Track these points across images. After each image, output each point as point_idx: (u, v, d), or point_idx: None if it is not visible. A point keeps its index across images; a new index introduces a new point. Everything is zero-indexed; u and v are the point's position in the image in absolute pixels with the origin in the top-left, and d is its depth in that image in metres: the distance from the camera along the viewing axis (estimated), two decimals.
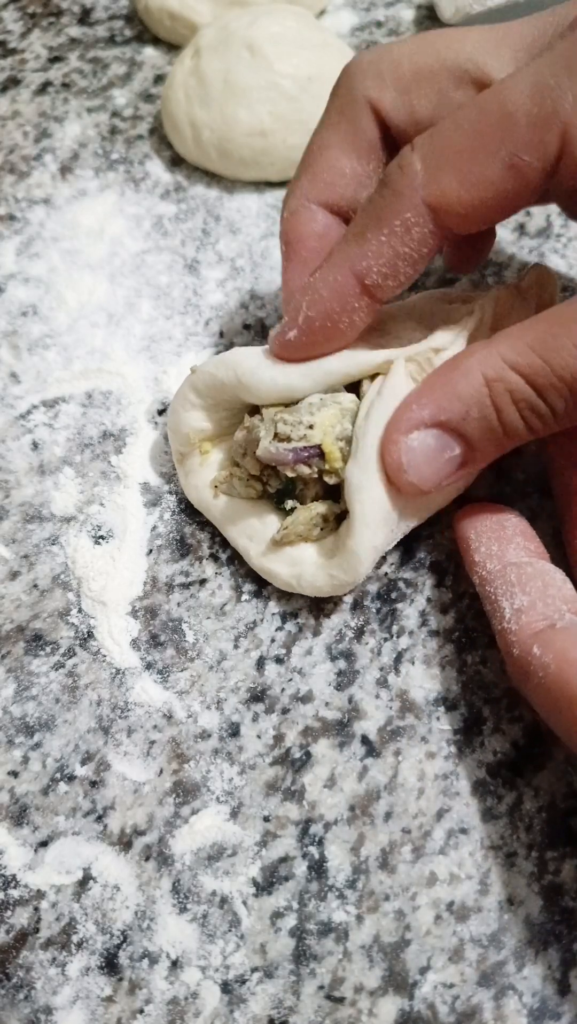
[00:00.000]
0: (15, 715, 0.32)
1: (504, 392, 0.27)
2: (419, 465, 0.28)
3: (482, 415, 0.27)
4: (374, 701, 0.32)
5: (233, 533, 0.33)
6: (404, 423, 0.28)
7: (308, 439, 0.29)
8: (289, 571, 0.31)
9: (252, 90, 0.42)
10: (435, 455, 0.28)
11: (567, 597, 0.28)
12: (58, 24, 0.51)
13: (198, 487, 0.33)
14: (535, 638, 0.26)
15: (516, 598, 0.28)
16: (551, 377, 0.26)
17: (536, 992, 0.27)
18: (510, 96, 0.26)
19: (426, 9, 0.50)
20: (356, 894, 0.29)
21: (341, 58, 0.44)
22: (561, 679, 0.25)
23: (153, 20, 0.49)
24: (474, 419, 0.27)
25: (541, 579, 0.28)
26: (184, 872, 0.29)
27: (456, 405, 0.27)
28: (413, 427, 0.28)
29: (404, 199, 0.27)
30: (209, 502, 0.33)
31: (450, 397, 0.27)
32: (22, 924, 0.29)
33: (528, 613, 0.27)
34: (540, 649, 0.26)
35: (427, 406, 0.28)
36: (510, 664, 0.27)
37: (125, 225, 0.44)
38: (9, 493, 0.37)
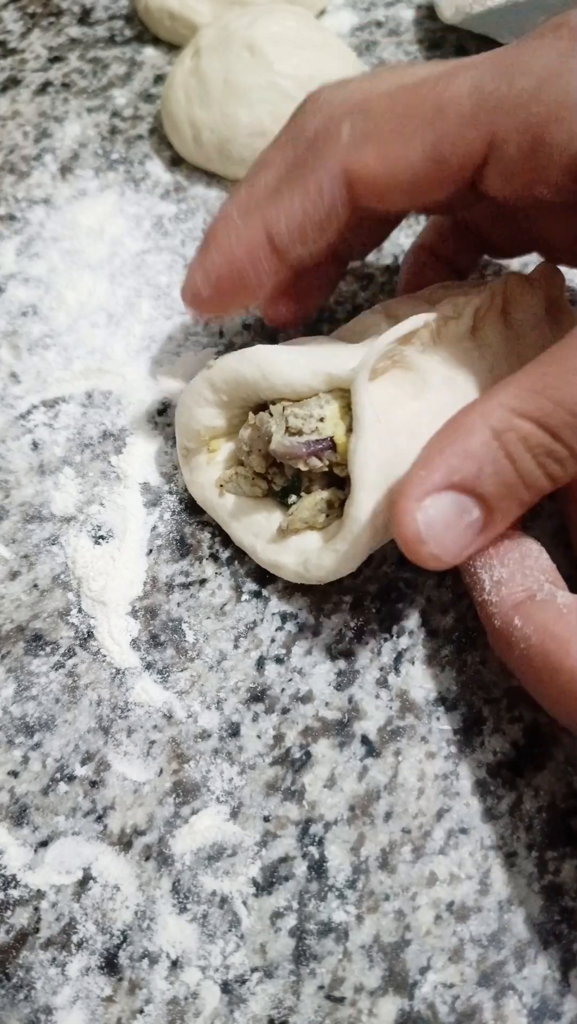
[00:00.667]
0: (15, 715, 0.32)
1: (516, 441, 0.25)
2: (439, 534, 0.26)
3: (496, 470, 0.26)
4: (374, 701, 0.32)
5: (238, 531, 0.33)
6: (416, 489, 0.25)
7: (320, 432, 0.29)
8: (296, 560, 0.31)
9: (252, 90, 0.42)
10: (454, 521, 0.26)
11: (544, 568, 0.28)
12: (58, 24, 0.51)
13: (203, 485, 0.33)
14: (515, 610, 0.26)
15: (495, 570, 0.28)
16: (564, 416, 0.25)
17: (536, 992, 0.27)
18: (450, 88, 0.26)
19: (426, 9, 0.50)
20: (356, 894, 0.29)
21: (341, 58, 0.44)
22: (543, 650, 0.25)
23: (153, 20, 0.49)
24: (489, 475, 0.26)
25: (518, 550, 0.28)
26: (184, 872, 0.29)
27: (467, 463, 0.25)
28: (426, 493, 0.26)
29: (323, 162, 0.27)
30: (214, 500, 0.33)
31: (460, 456, 0.25)
32: (22, 924, 0.29)
33: (508, 585, 0.27)
34: (521, 621, 0.26)
35: (437, 469, 0.26)
36: (492, 636, 0.27)
37: (125, 225, 0.44)
38: (9, 493, 0.37)
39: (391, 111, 0.27)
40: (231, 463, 0.33)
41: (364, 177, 0.27)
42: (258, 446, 0.31)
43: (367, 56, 0.49)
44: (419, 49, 0.49)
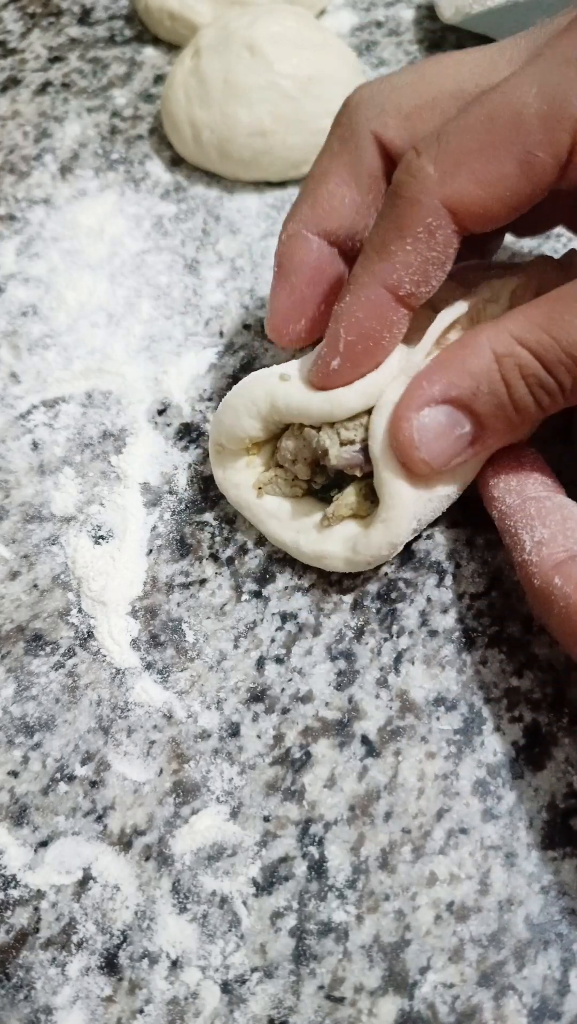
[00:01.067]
0: (15, 715, 0.32)
1: (514, 367, 0.27)
2: (430, 442, 0.28)
3: (492, 390, 0.27)
4: (374, 701, 0.32)
5: (278, 529, 0.33)
6: (415, 400, 0.28)
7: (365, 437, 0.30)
8: (343, 547, 0.31)
9: (252, 90, 0.42)
10: (446, 432, 0.28)
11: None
12: (58, 24, 0.51)
13: (239, 485, 0.33)
14: (556, 569, 0.27)
15: (536, 531, 0.28)
16: (559, 353, 0.27)
17: (536, 992, 0.27)
18: (517, 95, 0.26)
19: (426, 9, 0.50)
20: (356, 894, 0.29)
21: (341, 58, 0.44)
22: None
23: (153, 20, 0.49)
24: (485, 394, 0.28)
25: (560, 512, 0.29)
26: (184, 872, 0.29)
27: (466, 381, 0.27)
28: (424, 404, 0.28)
29: (422, 205, 0.27)
30: (251, 501, 0.33)
31: (460, 373, 0.28)
32: (22, 924, 0.29)
33: (549, 545, 0.28)
34: (561, 580, 0.27)
35: (437, 382, 0.28)
36: (531, 595, 0.28)
37: (125, 225, 0.44)
38: (9, 493, 0.37)
39: (469, 133, 0.27)
40: (270, 466, 0.33)
41: (468, 205, 0.27)
42: (304, 455, 0.31)
43: (367, 56, 0.49)
44: (419, 49, 0.49)
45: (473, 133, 0.27)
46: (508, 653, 0.32)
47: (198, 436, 0.37)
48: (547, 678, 0.32)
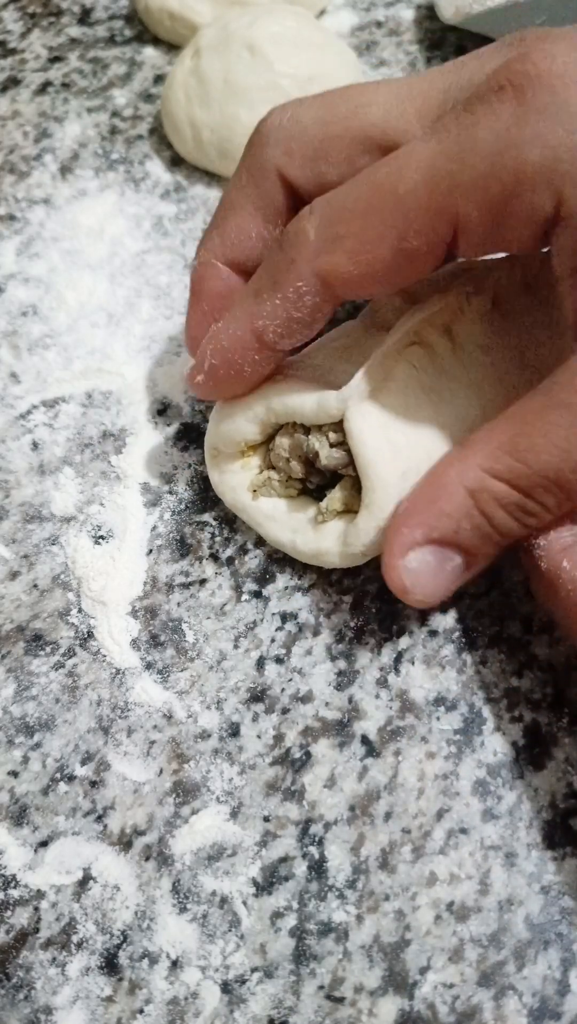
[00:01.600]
0: (15, 715, 0.32)
1: (491, 500, 0.27)
2: (424, 583, 0.28)
3: (474, 525, 0.27)
4: (374, 701, 0.32)
5: (275, 530, 0.33)
6: (398, 547, 0.27)
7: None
8: (337, 542, 0.31)
9: (252, 90, 0.42)
10: (437, 569, 0.28)
11: None
12: (58, 24, 0.51)
13: (235, 488, 0.33)
14: (564, 553, 0.27)
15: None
16: (534, 478, 0.26)
17: (536, 992, 0.27)
18: (403, 178, 0.26)
19: (426, 9, 0.50)
20: (356, 894, 0.29)
21: (341, 58, 0.44)
22: None
23: (153, 20, 0.49)
24: (467, 530, 0.27)
25: None
26: (184, 872, 0.29)
27: (445, 522, 0.27)
28: (407, 548, 0.27)
29: (297, 267, 0.27)
30: (247, 503, 0.33)
31: (438, 515, 0.27)
32: (22, 924, 0.29)
33: (556, 529, 0.28)
34: (569, 564, 0.27)
35: (417, 527, 0.27)
36: (537, 580, 0.28)
37: (125, 225, 0.44)
38: (9, 493, 0.37)
39: (353, 207, 0.27)
40: (262, 468, 0.33)
41: (339, 277, 0.27)
42: (298, 452, 0.31)
43: (367, 56, 0.49)
44: (419, 49, 0.49)
45: (355, 209, 0.27)
46: (508, 653, 0.32)
47: (198, 436, 0.37)
48: (547, 678, 0.32)
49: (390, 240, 0.26)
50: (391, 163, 0.27)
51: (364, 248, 0.27)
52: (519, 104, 0.25)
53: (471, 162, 0.25)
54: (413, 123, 0.28)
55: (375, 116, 0.28)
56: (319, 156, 0.29)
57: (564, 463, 0.26)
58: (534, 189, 0.24)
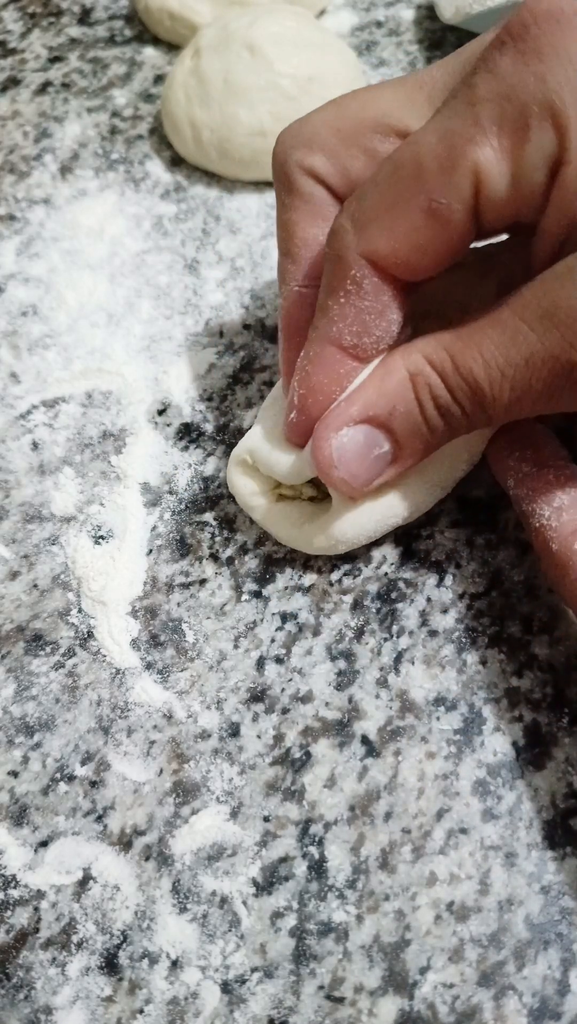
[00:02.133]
0: (15, 715, 0.32)
1: (425, 387, 0.28)
2: (349, 461, 0.29)
3: (407, 410, 0.28)
4: (374, 701, 0.32)
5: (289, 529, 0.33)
6: (333, 420, 0.28)
7: None
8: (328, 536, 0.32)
9: (252, 90, 0.42)
10: (364, 451, 0.29)
11: None
12: (58, 24, 0.51)
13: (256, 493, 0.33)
14: (575, 536, 0.28)
15: (556, 497, 0.29)
16: (456, 377, 0.27)
17: (536, 992, 0.27)
18: (420, 146, 0.26)
19: (426, 9, 0.50)
20: (356, 894, 0.29)
21: (341, 58, 0.44)
22: None
23: (153, 20, 0.49)
24: (400, 414, 0.28)
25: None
26: (184, 872, 0.29)
27: (382, 401, 0.28)
28: (342, 424, 0.28)
29: (344, 260, 0.28)
30: (265, 505, 0.33)
31: (377, 393, 0.28)
32: (22, 924, 0.29)
33: (568, 511, 0.28)
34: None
35: (355, 403, 0.28)
36: (548, 560, 0.28)
37: (125, 225, 0.44)
38: (9, 493, 0.37)
39: (379, 188, 0.27)
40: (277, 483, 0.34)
41: (385, 256, 0.27)
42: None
43: (367, 56, 0.49)
44: (419, 49, 0.49)
45: (382, 188, 0.27)
46: (508, 653, 0.32)
47: (198, 436, 0.37)
48: (547, 678, 0.32)
49: (418, 206, 0.26)
50: (408, 140, 0.27)
51: (396, 221, 0.27)
52: (518, 51, 0.25)
53: (480, 111, 0.25)
54: (425, 107, 0.28)
55: (387, 106, 0.29)
56: (340, 151, 0.29)
57: (485, 374, 0.26)
58: (540, 128, 0.25)
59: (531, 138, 0.25)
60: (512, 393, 0.26)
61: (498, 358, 0.26)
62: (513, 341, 0.26)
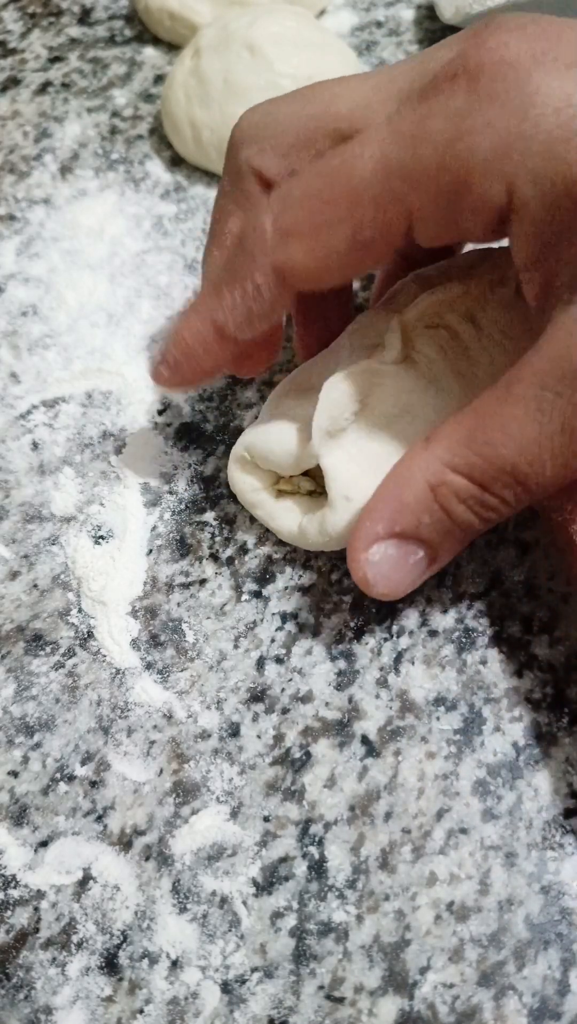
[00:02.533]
0: (15, 715, 0.32)
1: (450, 495, 0.27)
2: (387, 576, 0.28)
3: (434, 519, 0.27)
4: (374, 701, 0.32)
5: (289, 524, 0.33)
6: (362, 540, 0.28)
7: None
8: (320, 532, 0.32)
9: (252, 90, 0.42)
10: (400, 563, 0.28)
11: None
12: (58, 24, 0.51)
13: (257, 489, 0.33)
14: None
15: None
16: (490, 471, 0.26)
17: (536, 992, 0.27)
18: (356, 168, 0.26)
19: (426, 9, 0.50)
20: (356, 894, 0.29)
21: (341, 58, 0.44)
22: None
23: (153, 20, 0.49)
24: (428, 524, 0.27)
25: None
26: (184, 872, 0.29)
27: (407, 516, 0.27)
28: (371, 543, 0.28)
29: (255, 261, 0.28)
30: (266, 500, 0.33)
31: (400, 509, 0.27)
32: (22, 924, 0.29)
33: None
34: None
35: (380, 521, 0.27)
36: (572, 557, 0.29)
37: (125, 225, 0.44)
38: (9, 493, 0.37)
39: (307, 200, 0.27)
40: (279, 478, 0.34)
41: (296, 271, 0.27)
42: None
43: (367, 56, 0.49)
44: (419, 49, 0.49)
45: (310, 202, 0.27)
46: (508, 653, 0.32)
47: (198, 436, 0.37)
48: (547, 678, 0.32)
49: (344, 232, 0.26)
50: (344, 153, 0.26)
51: (319, 242, 0.27)
52: (470, 92, 0.24)
53: (423, 152, 0.25)
54: (379, 114, 0.27)
55: (342, 109, 0.28)
56: (291, 152, 0.29)
57: (520, 456, 0.26)
58: (485, 178, 0.24)
59: (474, 184, 0.24)
60: (554, 462, 0.25)
61: (529, 433, 0.25)
62: (541, 412, 0.25)
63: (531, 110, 0.23)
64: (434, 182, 0.25)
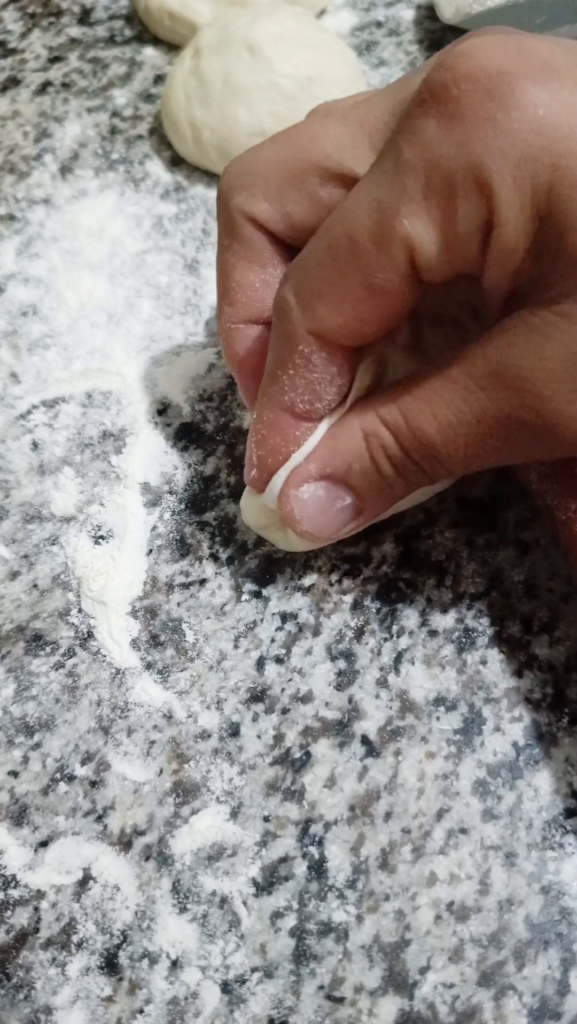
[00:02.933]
0: (15, 715, 0.32)
1: (379, 447, 0.28)
2: (312, 516, 0.29)
3: (363, 468, 0.28)
4: (374, 701, 0.32)
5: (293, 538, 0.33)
6: (294, 478, 0.29)
7: None
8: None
9: (252, 90, 0.42)
10: (327, 505, 0.29)
11: None
12: (58, 24, 0.51)
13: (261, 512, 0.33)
14: None
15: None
16: (410, 436, 0.27)
17: (536, 992, 0.28)
18: (352, 218, 0.26)
19: (426, 9, 0.50)
20: (356, 894, 0.29)
21: (341, 58, 0.44)
22: None
23: (153, 20, 0.49)
24: (357, 471, 0.28)
25: None
26: (184, 872, 0.29)
27: (338, 459, 0.28)
28: (302, 480, 0.29)
29: (292, 336, 0.28)
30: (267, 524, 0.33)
31: (333, 451, 0.29)
32: (22, 924, 0.29)
33: None
34: None
35: (314, 461, 0.29)
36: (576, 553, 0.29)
37: (125, 225, 0.44)
38: (9, 493, 0.37)
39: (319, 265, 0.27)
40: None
41: (332, 332, 0.28)
42: None
43: (367, 56, 0.49)
44: (419, 49, 0.49)
45: (320, 263, 0.27)
46: (508, 653, 0.32)
47: (198, 436, 0.37)
48: (547, 678, 0.32)
49: (357, 282, 0.26)
50: (340, 209, 0.27)
51: (339, 298, 0.27)
52: (441, 115, 0.24)
53: (408, 185, 0.25)
54: (366, 149, 0.28)
55: (329, 148, 0.28)
56: (282, 195, 0.29)
57: (439, 435, 0.27)
58: (468, 196, 0.24)
59: (459, 207, 0.25)
60: (467, 449, 0.27)
61: (449, 417, 0.26)
62: (464, 400, 0.26)
63: (503, 126, 0.24)
64: (424, 210, 0.25)
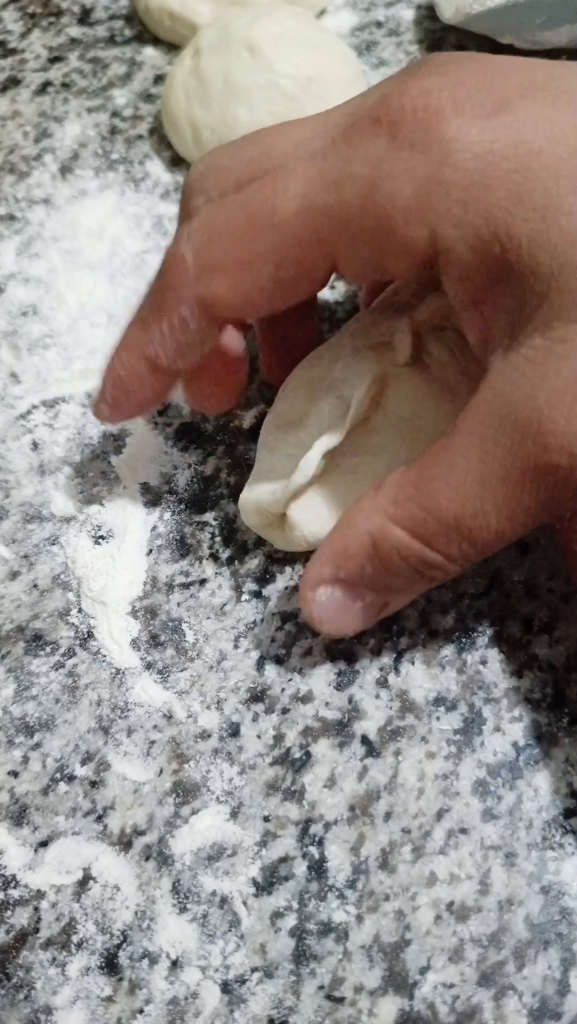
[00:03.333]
0: (15, 715, 0.32)
1: (391, 550, 0.26)
2: (334, 617, 0.28)
3: (377, 571, 0.27)
4: (374, 701, 0.32)
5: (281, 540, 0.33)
6: (308, 580, 0.28)
7: None
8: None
9: (252, 90, 0.42)
10: (348, 605, 0.28)
11: None
12: (58, 24, 0.51)
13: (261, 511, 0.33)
14: None
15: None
16: (433, 524, 0.25)
17: (536, 992, 0.28)
18: (279, 206, 0.25)
19: (426, 9, 0.50)
20: (356, 894, 0.29)
21: (341, 58, 0.44)
22: None
23: (153, 20, 0.49)
24: (371, 573, 0.27)
25: None
26: (184, 872, 0.29)
27: (350, 564, 0.27)
28: (316, 584, 0.28)
29: (178, 295, 0.27)
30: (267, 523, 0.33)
31: (343, 555, 0.27)
32: (22, 924, 0.29)
33: None
34: None
35: (325, 564, 0.27)
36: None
37: (125, 225, 0.44)
38: (9, 493, 0.37)
39: (231, 233, 0.26)
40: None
41: (220, 304, 0.27)
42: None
43: (367, 56, 0.49)
44: (419, 49, 0.49)
45: (232, 237, 0.26)
46: (508, 653, 0.32)
47: (198, 436, 0.37)
48: (547, 678, 0.32)
49: (267, 269, 0.26)
50: (267, 187, 0.26)
51: (242, 277, 0.26)
52: (391, 138, 0.24)
53: (346, 194, 0.25)
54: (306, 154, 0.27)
55: (279, 150, 0.28)
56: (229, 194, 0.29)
57: (463, 509, 0.24)
58: (408, 223, 0.24)
59: (397, 233, 0.24)
60: (499, 515, 0.24)
61: (472, 485, 0.24)
62: (483, 462, 0.24)
63: (450, 156, 0.24)
64: (357, 225, 0.25)
